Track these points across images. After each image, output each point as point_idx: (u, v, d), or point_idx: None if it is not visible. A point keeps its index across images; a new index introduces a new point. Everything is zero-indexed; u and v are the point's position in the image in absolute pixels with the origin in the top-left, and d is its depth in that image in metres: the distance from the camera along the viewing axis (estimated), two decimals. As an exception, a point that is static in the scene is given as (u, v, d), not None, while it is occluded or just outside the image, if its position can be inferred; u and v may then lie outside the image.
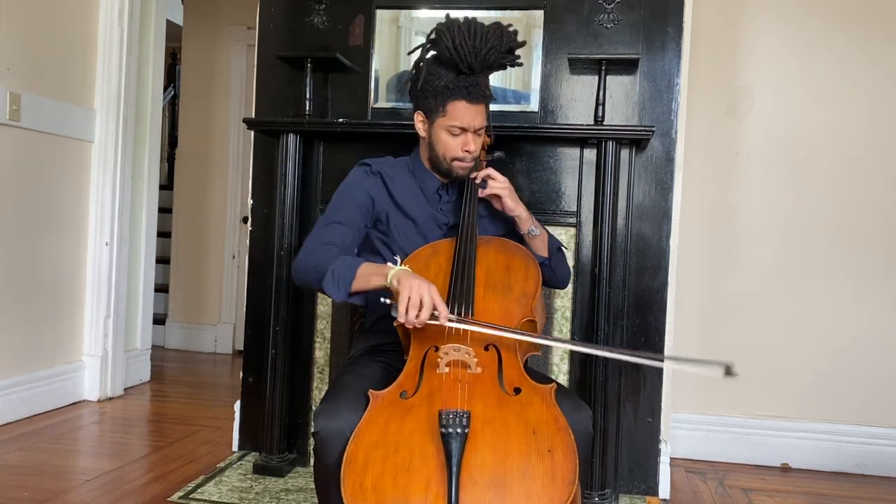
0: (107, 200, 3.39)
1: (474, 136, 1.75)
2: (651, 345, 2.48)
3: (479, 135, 1.77)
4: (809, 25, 2.83)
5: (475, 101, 1.71)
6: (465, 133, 1.74)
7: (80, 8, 3.27)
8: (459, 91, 1.70)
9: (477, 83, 1.71)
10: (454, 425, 1.27)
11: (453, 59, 1.69)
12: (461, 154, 1.75)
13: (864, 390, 2.82)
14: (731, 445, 2.88)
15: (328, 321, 2.63)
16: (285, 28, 2.68)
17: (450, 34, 1.69)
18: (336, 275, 1.58)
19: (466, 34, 1.68)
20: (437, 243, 1.74)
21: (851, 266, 2.83)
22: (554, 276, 1.88)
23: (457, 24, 1.71)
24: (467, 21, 1.71)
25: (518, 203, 1.82)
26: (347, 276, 1.57)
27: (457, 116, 1.71)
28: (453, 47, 1.68)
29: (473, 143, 1.75)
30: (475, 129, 1.74)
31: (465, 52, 1.68)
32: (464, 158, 1.76)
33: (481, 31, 1.70)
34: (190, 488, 2.32)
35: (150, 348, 3.89)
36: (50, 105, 3.11)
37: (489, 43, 1.69)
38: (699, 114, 2.85)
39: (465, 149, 1.74)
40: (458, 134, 1.74)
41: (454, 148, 1.75)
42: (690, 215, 2.83)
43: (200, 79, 4.79)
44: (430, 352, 1.49)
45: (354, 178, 1.83)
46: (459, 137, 1.74)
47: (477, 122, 1.73)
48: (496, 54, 1.72)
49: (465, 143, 1.74)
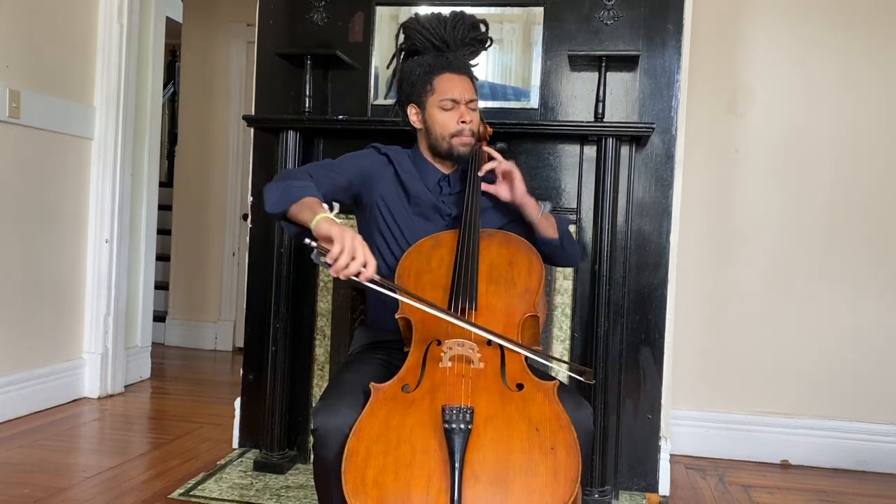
0: (107, 198, 3.39)
1: (467, 109, 1.78)
2: (651, 341, 2.48)
3: (472, 109, 1.80)
4: (810, 23, 2.83)
5: (459, 72, 1.80)
6: (458, 105, 1.77)
7: (80, 5, 3.27)
8: (441, 65, 1.79)
9: (456, 57, 1.83)
10: (458, 421, 1.27)
11: (428, 39, 1.83)
12: (459, 126, 1.77)
13: (863, 387, 2.82)
14: (731, 442, 2.88)
15: (328, 318, 2.63)
16: (285, 25, 2.67)
17: (417, 23, 1.87)
18: (286, 191, 1.57)
19: (430, 17, 1.87)
20: (439, 235, 1.74)
21: (851, 262, 2.83)
22: (565, 254, 1.87)
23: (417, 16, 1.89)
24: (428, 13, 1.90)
25: (525, 191, 1.82)
26: (292, 196, 1.55)
27: (445, 89, 1.77)
28: (423, 28, 1.84)
29: (468, 114, 1.78)
30: (466, 100, 1.77)
31: (435, 27, 1.83)
32: (462, 131, 1.77)
33: (442, 15, 1.87)
34: (190, 485, 2.33)
35: (150, 345, 3.89)
36: (50, 102, 3.10)
37: (453, 21, 1.85)
38: (699, 111, 2.85)
39: (462, 120, 1.77)
40: (451, 108, 1.77)
41: (451, 123, 1.77)
42: (690, 212, 2.83)
43: (200, 76, 4.78)
44: (433, 345, 1.49)
45: (365, 153, 1.87)
46: (453, 111, 1.77)
47: (466, 93, 1.78)
48: (463, 28, 1.85)
49: (461, 115, 1.77)
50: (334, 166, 1.80)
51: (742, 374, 2.89)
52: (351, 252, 1.38)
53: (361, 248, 1.40)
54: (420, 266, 1.66)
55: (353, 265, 1.38)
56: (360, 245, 1.40)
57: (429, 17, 1.87)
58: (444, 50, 1.83)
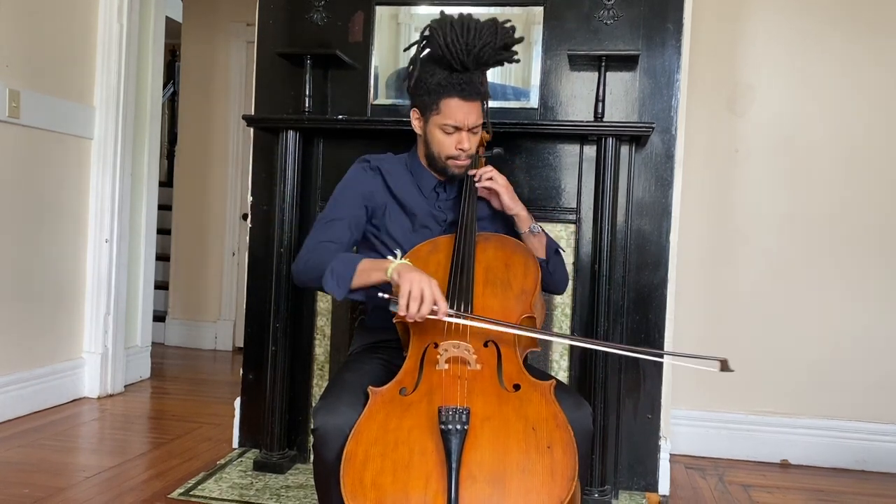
0: (106, 197, 3.39)
1: (468, 135, 1.73)
2: (651, 341, 2.48)
3: (474, 133, 1.75)
4: (810, 22, 2.83)
5: (469, 99, 1.70)
6: (459, 132, 1.73)
7: (80, 5, 3.27)
8: (453, 88, 1.69)
9: (471, 80, 1.70)
10: (454, 422, 1.27)
11: (445, 57, 1.68)
12: (455, 152, 1.74)
13: (863, 386, 2.82)
14: (730, 442, 2.88)
15: (328, 318, 2.63)
16: (285, 25, 2.67)
17: (442, 32, 1.67)
18: (336, 272, 1.58)
19: (459, 32, 1.66)
20: (437, 240, 1.74)
21: (851, 263, 2.83)
22: (551, 279, 1.86)
23: (450, 21, 1.69)
24: (461, 18, 1.70)
25: (517, 202, 1.82)
26: (347, 273, 1.57)
27: (450, 114, 1.70)
28: (445, 45, 1.66)
29: (468, 141, 1.73)
30: (469, 127, 1.72)
31: (457, 50, 1.66)
32: (458, 157, 1.75)
33: (475, 27, 1.68)
34: (190, 485, 2.33)
35: (150, 345, 3.90)
36: (49, 102, 3.10)
37: (483, 40, 1.67)
38: (699, 110, 2.85)
39: (459, 147, 1.73)
40: (452, 133, 1.73)
41: (448, 146, 1.74)
42: (690, 212, 2.83)
43: (200, 76, 4.78)
44: (430, 348, 1.49)
45: (353, 174, 1.83)
46: (453, 136, 1.73)
47: (470, 120, 1.72)
48: (490, 51, 1.70)
49: (459, 141, 1.73)
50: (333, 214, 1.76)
51: (742, 373, 2.88)
52: (418, 296, 1.42)
53: (428, 288, 1.43)
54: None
55: (424, 308, 1.42)
56: (427, 285, 1.43)
57: (457, 30, 1.67)
58: (461, 71, 1.69)
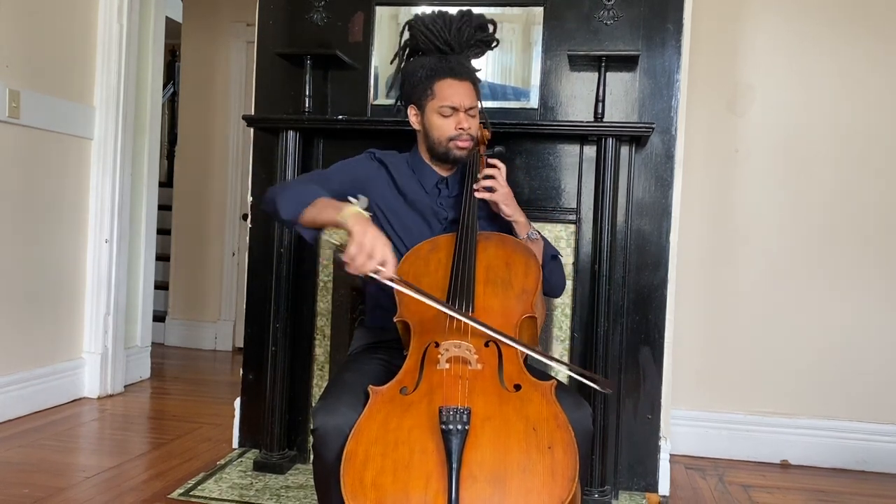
0: (106, 198, 3.39)
1: (466, 116, 1.77)
2: (651, 341, 2.48)
3: (471, 115, 1.78)
4: (810, 22, 2.83)
5: (460, 77, 1.77)
6: (457, 112, 1.76)
7: (80, 5, 3.27)
8: (443, 70, 1.77)
9: (459, 61, 1.79)
10: (454, 422, 1.27)
11: (431, 40, 1.80)
12: (456, 132, 1.76)
13: (863, 387, 2.82)
14: (730, 442, 2.88)
15: (328, 318, 2.63)
16: (285, 25, 2.67)
17: (421, 22, 1.84)
18: (293, 195, 1.58)
19: (436, 17, 1.83)
20: (437, 238, 1.74)
21: (851, 263, 2.83)
22: (548, 284, 1.86)
23: (424, 15, 1.85)
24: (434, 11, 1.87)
25: (515, 209, 1.82)
26: (304, 199, 1.56)
27: (445, 95, 1.75)
28: (427, 30, 1.81)
29: (466, 121, 1.77)
30: (465, 108, 1.76)
31: (440, 31, 1.80)
32: (459, 136, 1.77)
33: (449, 14, 1.85)
34: (190, 485, 2.33)
35: (150, 345, 3.90)
36: (49, 102, 3.10)
37: (460, 21, 1.83)
38: (699, 110, 2.85)
39: (459, 126, 1.76)
40: (450, 115, 1.76)
41: (448, 128, 1.77)
42: (690, 212, 2.83)
43: (200, 76, 4.78)
44: (431, 347, 1.49)
45: (357, 159, 1.88)
46: (451, 118, 1.76)
47: (466, 100, 1.76)
48: (468, 29, 1.83)
49: (458, 122, 1.76)
50: (325, 174, 1.81)
51: (742, 373, 2.89)
52: (369, 250, 1.38)
53: (381, 246, 1.40)
54: (418, 269, 1.66)
55: (370, 263, 1.38)
56: (381, 243, 1.40)
57: (435, 16, 1.84)
58: (448, 52, 1.81)
